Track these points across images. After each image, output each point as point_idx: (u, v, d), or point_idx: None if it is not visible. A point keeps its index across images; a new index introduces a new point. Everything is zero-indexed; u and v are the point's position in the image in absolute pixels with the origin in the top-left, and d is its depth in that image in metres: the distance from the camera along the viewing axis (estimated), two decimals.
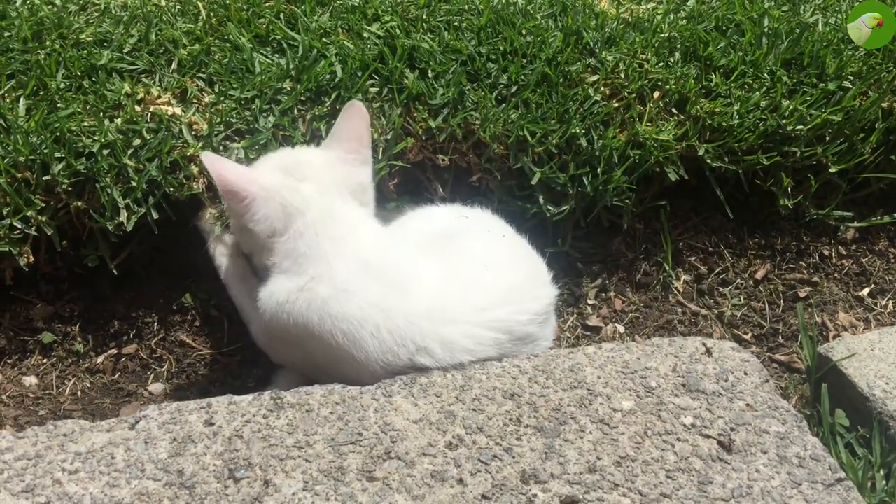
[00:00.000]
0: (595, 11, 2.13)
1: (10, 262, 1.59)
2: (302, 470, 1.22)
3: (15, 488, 1.17)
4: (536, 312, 1.49)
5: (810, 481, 1.26)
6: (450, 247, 1.57)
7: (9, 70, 1.75)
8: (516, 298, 1.48)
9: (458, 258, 1.54)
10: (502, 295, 1.47)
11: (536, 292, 1.52)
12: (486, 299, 1.45)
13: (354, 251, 1.48)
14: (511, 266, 1.56)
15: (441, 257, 1.53)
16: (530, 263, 1.60)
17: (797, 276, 1.97)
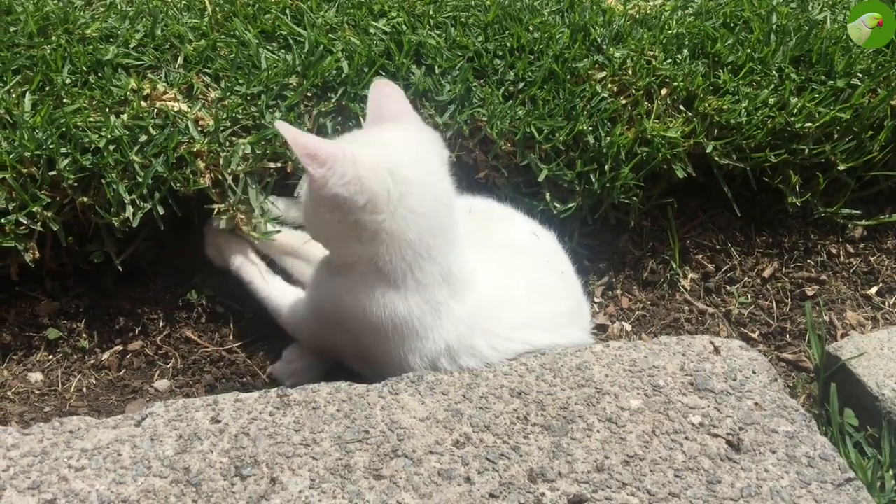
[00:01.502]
0: (602, 8, 2.12)
1: (16, 257, 1.58)
2: (309, 468, 1.22)
3: (21, 485, 1.17)
4: (561, 346, 1.50)
5: (819, 481, 1.25)
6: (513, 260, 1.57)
7: (14, 65, 1.74)
8: (549, 327, 1.51)
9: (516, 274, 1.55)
10: (540, 321, 1.50)
11: (570, 333, 1.53)
12: (522, 318, 1.48)
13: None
14: (557, 299, 1.57)
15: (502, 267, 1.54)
16: (575, 305, 1.61)
17: (805, 274, 1.97)
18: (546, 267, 1.60)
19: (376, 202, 1.36)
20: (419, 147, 1.45)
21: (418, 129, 1.50)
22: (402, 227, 1.38)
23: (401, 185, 1.37)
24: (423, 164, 1.43)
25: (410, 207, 1.38)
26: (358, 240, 1.39)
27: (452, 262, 1.44)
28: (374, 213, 1.36)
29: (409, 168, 1.39)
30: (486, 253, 1.53)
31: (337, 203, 1.35)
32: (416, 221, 1.38)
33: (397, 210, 1.37)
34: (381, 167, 1.36)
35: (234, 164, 1.67)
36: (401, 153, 1.41)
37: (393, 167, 1.37)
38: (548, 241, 1.68)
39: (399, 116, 1.49)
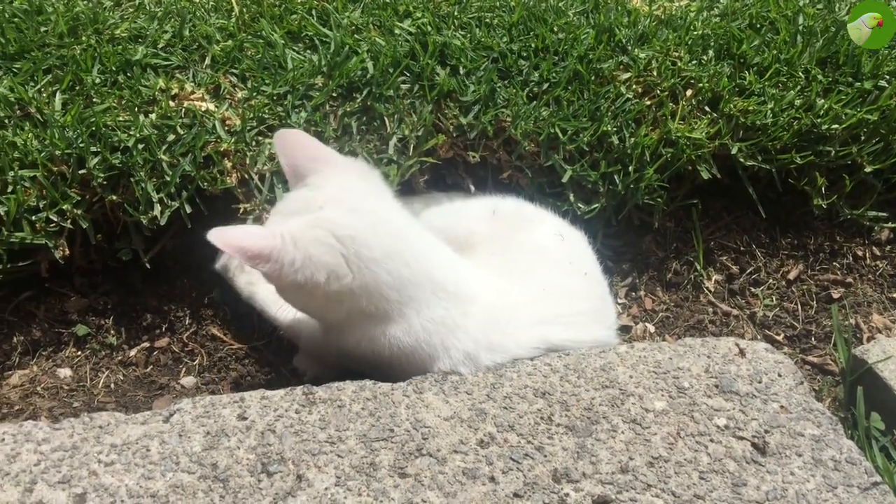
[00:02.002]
0: (627, 8, 2.12)
1: (46, 254, 1.60)
2: (334, 465, 1.23)
3: (52, 479, 1.18)
4: (584, 342, 1.50)
5: (846, 485, 1.24)
6: (531, 263, 1.56)
7: (45, 64, 1.77)
8: (566, 324, 1.50)
9: (532, 277, 1.53)
10: (557, 319, 1.49)
11: (593, 330, 1.53)
12: (533, 318, 1.47)
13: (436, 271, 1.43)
14: (576, 299, 1.55)
15: (515, 271, 1.53)
16: (599, 305, 1.60)
17: (830, 276, 1.95)
18: (567, 268, 1.58)
19: (336, 272, 1.34)
20: (351, 194, 1.41)
21: (342, 172, 1.45)
22: (372, 279, 1.36)
23: (351, 245, 1.34)
24: (363, 211, 1.39)
25: (372, 259, 1.35)
26: (337, 303, 1.38)
27: (439, 277, 1.42)
28: (339, 280, 1.34)
29: (352, 223, 1.36)
30: (501, 258, 1.53)
31: (299, 286, 1.34)
32: (384, 266, 1.36)
33: (360, 268, 1.35)
34: (325, 236, 1.34)
35: (261, 164, 1.68)
36: (337, 213, 1.37)
37: (336, 230, 1.34)
38: (575, 241, 1.67)
39: (316, 164, 1.44)
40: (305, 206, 1.38)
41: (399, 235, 1.41)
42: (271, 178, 1.69)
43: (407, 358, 1.40)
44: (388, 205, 1.46)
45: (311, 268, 1.32)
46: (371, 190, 1.46)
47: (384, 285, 1.36)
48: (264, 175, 1.68)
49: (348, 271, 1.34)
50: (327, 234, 1.33)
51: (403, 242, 1.40)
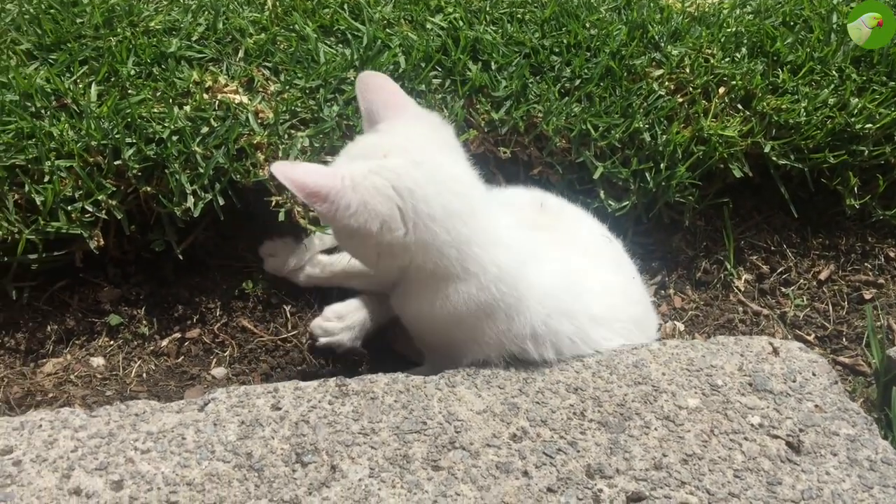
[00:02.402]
0: (660, 5, 2.12)
1: (81, 244, 1.62)
2: (368, 457, 1.23)
3: (89, 465, 1.20)
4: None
5: (882, 485, 1.23)
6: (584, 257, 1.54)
7: (81, 56, 1.78)
8: (619, 331, 1.49)
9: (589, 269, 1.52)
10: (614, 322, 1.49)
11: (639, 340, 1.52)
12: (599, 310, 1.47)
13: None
14: (630, 303, 1.56)
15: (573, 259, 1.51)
16: (644, 312, 1.60)
17: (862, 277, 1.94)
18: (618, 269, 1.58)
19: (390, 223, 1.30)
20: (418, 146, 1.36)
21: (413, 121, 1.41)
22: (429, 236, 1.32)
23: (410, 199, 1.30)
24: (427, 165, 1.34)
25: (429, 216, 1.31)
26: (389, 256, 1.35)
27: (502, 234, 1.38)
28: (392, 233, 1.31)
29: (413, 176, 1.31)
30: (553, 248, 1.50)
31: (352, 232, 1.31)
32: (442, 224, 1.32)
33: (416, 223, 1.31)
34: (383, 185, 1.30)
35: (293, 157, 1.69)
36: (401, 163, 1.32)
37: (395, 181, 1.30)
38: (618, 245, 1.67)
39: (390, 109, 1.41)
40: (371, 151, 1.35)
41: (462, 194, 1.36)
42: None
43: (485, 314, 1.36)
44: (454, 162, 1.41)
45: (365, 215, 1.28)
46: (439, 144, 1.40)
47: (443, 244, 1.32)
48: None
49: (401, 225, 1.30)
50: (386, 183, 1.30)
51: (466, 202, 1.35)
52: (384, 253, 1.34)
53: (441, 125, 1.45)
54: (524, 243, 1.41)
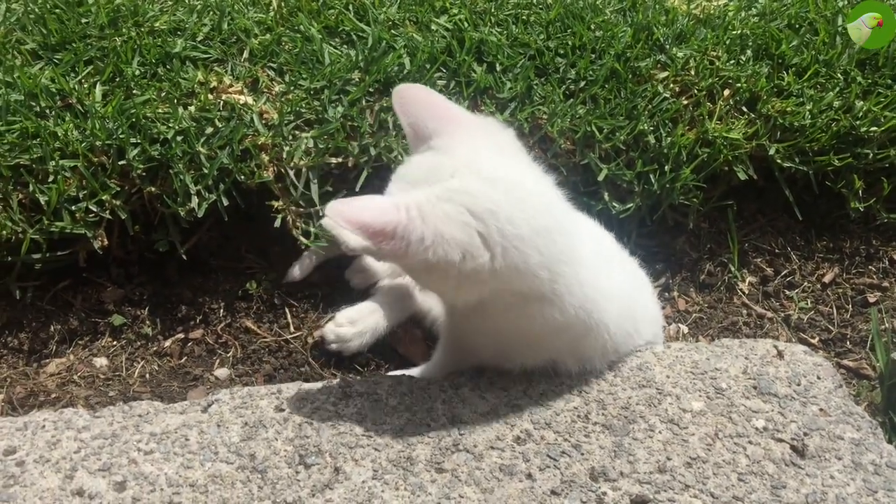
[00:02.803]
0: (665, 7, 2.11)
1: (85, 244, 1.62)
2: (371, 458, 1.23)
3: (92, 466, 1.20)
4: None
5: (886, 489, 1.23)
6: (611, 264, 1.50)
7: (86, 56, 1.78)
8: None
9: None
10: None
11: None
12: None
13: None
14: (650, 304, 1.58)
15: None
16: (656, 311, 1.62)
17: (867, 280, 1.93)
18: (634, 271, 1.59)
19: (473, 251, 1.16)
20: (487, 161, 1.23)
21: (472, 133, 1.27)
22: (520, 258, 1.19)
23: (491, 220, 1.16)
24: (503, 181, 1.21)
25: (518, 237, 1.18)
26: (474, 283, 1.19)
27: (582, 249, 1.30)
28: (476, 260, 1.17)
29: (491, 196, 1.18)
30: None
31: (430, 266, 1.16)
32: (532, 244, 1.19)
33: (505, 246, 1.18)
34: (458, 212, 1.16)
35: (297, 158, 1.69)
36: (473, 183, 1.19)
37: (472, 205, 1.16)
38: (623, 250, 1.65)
39: (441, 123, 1.26)
40: (434, 174, 1.20)
41: (546, 208, 1.24)
42: (307, 174, 1.69)
43: (558, 334, 1.31)
44: (528, 172, 1.29)
45: (444, 246, 1.14)
46: (508, 154, 1.28)
47: (535, 265, 1.20)
48: (300, 170, 1.69)
49: (485, 251, 1.16)
50: (460, 208, 1.16)
51: (551, 217, 1.24)
52: (467, 282, 1.19)
53: (502, 131, 1.32)
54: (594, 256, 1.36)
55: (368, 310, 1.68)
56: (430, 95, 1.30)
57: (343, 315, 1.68)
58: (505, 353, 1.38)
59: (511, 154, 1.29)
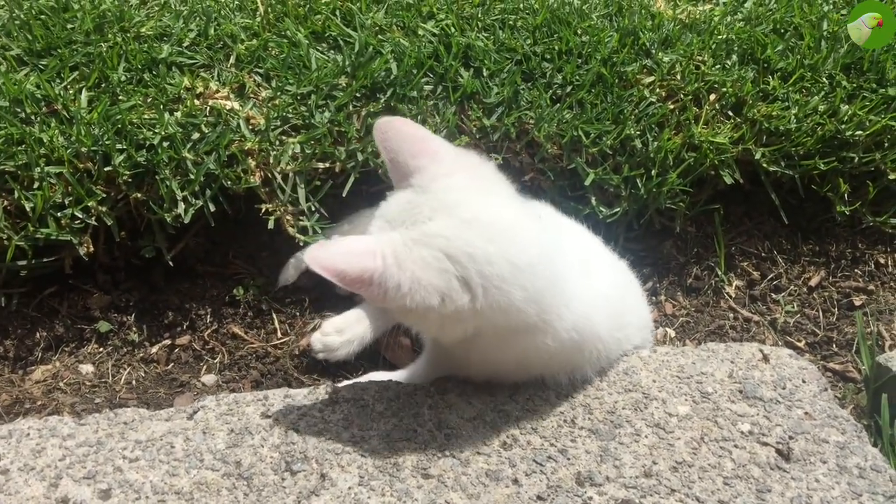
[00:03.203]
0: (651, 12, 2.12)
1: (70, 251, 1.61)
2: (357, 465, 1.23)
3: (77, 474, 1.19)
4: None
5: (871, 492, 1.24)
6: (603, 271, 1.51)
7: (72, 62, 1.78)
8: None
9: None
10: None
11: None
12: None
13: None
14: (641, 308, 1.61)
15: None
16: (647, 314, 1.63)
17: (852, 283, 1.94)
18: (626, 275, 1.61)
19: (451, 294, 1.15)
20: (465, 200, 1.21)
21: (454, 169, 1.25)
22: (503, 297, 1.18)
23: (469, 263, 1.15)
24: (481, 222, 1.19)
25: (499, 277, 1.17)
26: (458, 322, 1.19)
27: (571, 276, 1.30)
28: (455, 303, 1.16)
29: (469, 239, 1.16)
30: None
31: (409, 310, 1.15)
32: (515, 282, 1.18)
33: (486, 287, 1.16)
34: (435, 258, 1.15)
35: (284, 163, 1.68)
36: (449, 225, 1.17)
37: (448, 249, 1.15)
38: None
39: (422, 158, 1.24)
40: (412, 215, 1.19)
41: (528, 243, 1.22)
42: (294, 178, 1.69)
43: (552, 357, 1.32)
44: (509, 205, 1.26)
45: (421, 292, 1.13)
46: (487, 190, 1.25)
47: (522, 301, 1.19)
48: (287, 174, 1.69)
49: (465, 294, 1.15)
50: (437, 254, 1.15)
51: (534, 250, 1.22)
52: (449, 322, 1.19)
53: (481, 166, 1.30)
54: (582, 266, 1.37)
55: (355, 318, 1.68)
56: (412, 129, 1.28)
57: (330, 324, 1.67)
58: (496, 376, 1.39)
59: (491, 188, 1.27)
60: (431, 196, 1.21)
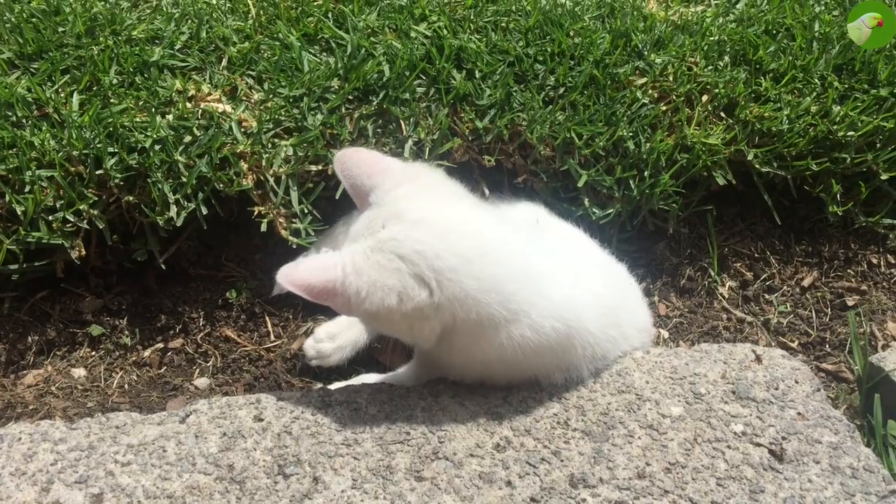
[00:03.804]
0: (643, 14, 2.12)
1: (62, 254, 1.61)
2: (351, 468, 1.22)
3: (69, 479, 1.19)
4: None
5: (864, 492, 1.24)
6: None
7: (63, 65, 1.77)
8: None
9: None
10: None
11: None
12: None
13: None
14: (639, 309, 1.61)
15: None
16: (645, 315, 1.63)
17: (845, 284, 1.94)
18: (624, 278, 1.62)
19: (408, 292, 1.23)
20: (412, 205, 1.31)
21: (402, 181, 1.35)
22: (457, 288, 1.24)
23: (420, 260, 1.23)
24: (427, 221, 1.28)
25: (450, 269, 1.24)
26: (423, 319, 1.26)
27: (535, 263, 1.34)
28: (414, 300, 1.23)
29: (417, 237, 1.25)
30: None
31: (374, 315, 1.25)
32: (466, 273, 1.25)
33: (439, 280, 1.24)
34: (388, 260, 1.24)
35: (276, 166, 1.68)
36: (398, 229, 1.27)
37: (399, 249, 1.24)
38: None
39: (375, 178, 1.36)
40: (370, 228, 1.29)
41: (474, 234, 1.30)
42: (287, 181, 1.69)
43: (540, 353, 1.32)
44: (456, 206, 1.35)
45: (379, 294, 1.22)
46: (434, 195, 1.35)
47: (477, 290, 1.25)
48: (280, 177, 1.68)
49: (422, 290, 1.23)
50: (390, 256, 1.24)
51: (480, 241, 1.29)
52: (415, 319, 1.26)
53: (428, 172, 1.41)
54: (566, 263, 1.40)
55: (347, 323, 1.68)
56: (366, 154, 1.40)
57: (322, 330, 1.67)
58: (487, 377, 1.40)
59: (438, 192, 1.36)
60: (384, 208, 1.32)
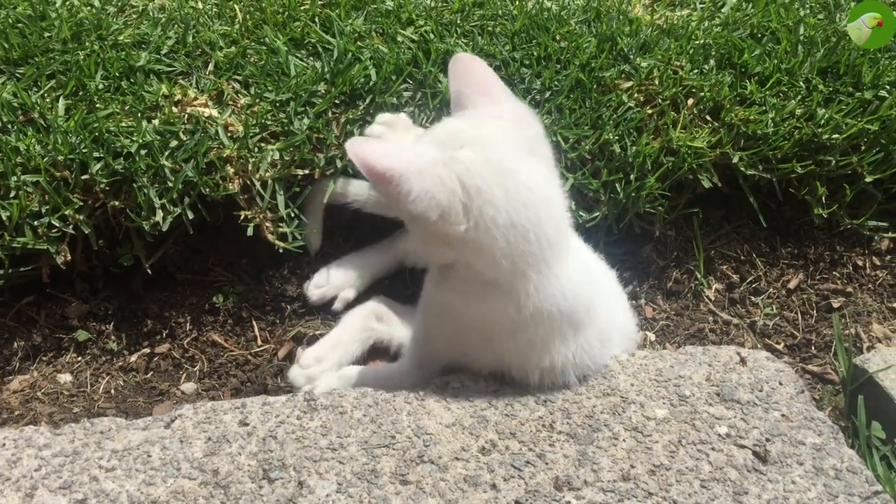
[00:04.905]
0: (629, 18, 2.13)
1: (48, 259, 1.60)
2: (336, 472, 1.23)
3: (53, 485, 1.18)
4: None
5: (847, 494, 1.24)
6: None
7: (49, 70, 1.77)
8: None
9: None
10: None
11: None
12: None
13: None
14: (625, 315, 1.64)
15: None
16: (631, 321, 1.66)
17: (831, 286, 1.96)
18: (612, 280, 1.65)
19: (449, 216, 1.24)
20: (498, 142, 1.29)
21: (500, 112, 1.34)
22: (488, 238, 1.26)
23: (476, 198, 1.24)
24: (502, 167, 1.26)
25: (493, 220, 1.25)
26: (445, 245, 1.29)
27: (565, 265, 1.33)
28: (452, 225, 1.25)
29: (485, 175, 1.25)
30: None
31: (413, 217, 1.25)
32: (502, 232, 1.25)
33: (479, 222, 1.25)
34: (450, 179, 1.24)
35: (263, 170, 1.68)
36: (473, 157, 1.26)
37: (464, 176, 1.24)
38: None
39: (480, 96, 1.35)
40: (451, 138, 1.29)
41: (532, 205, 1.28)
42: (273, 185, 1.69)
43: (514, 335, 1.34)
44: (534, 167, 1.31)
45: (426, 202, 1.22)
46: (522, 144, 1.32)
47: (500, 251, 1.26)
48: (266, 181, 1.68)
49: (463, 220, 1.25)
50: (453, 176, 1.24)
51: (533, 215, 1.27)
52: (438, 241, 1.29)
53: (530, 121, 1.37)
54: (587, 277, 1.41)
55: (331, 344, 1.67)
56: (479, 68, 1.39)
57: (308, 355, 1.65)
58: (466, 351, 1.42)
59: (527, 145, 1.32)
60: (473, 129, 1.30)
